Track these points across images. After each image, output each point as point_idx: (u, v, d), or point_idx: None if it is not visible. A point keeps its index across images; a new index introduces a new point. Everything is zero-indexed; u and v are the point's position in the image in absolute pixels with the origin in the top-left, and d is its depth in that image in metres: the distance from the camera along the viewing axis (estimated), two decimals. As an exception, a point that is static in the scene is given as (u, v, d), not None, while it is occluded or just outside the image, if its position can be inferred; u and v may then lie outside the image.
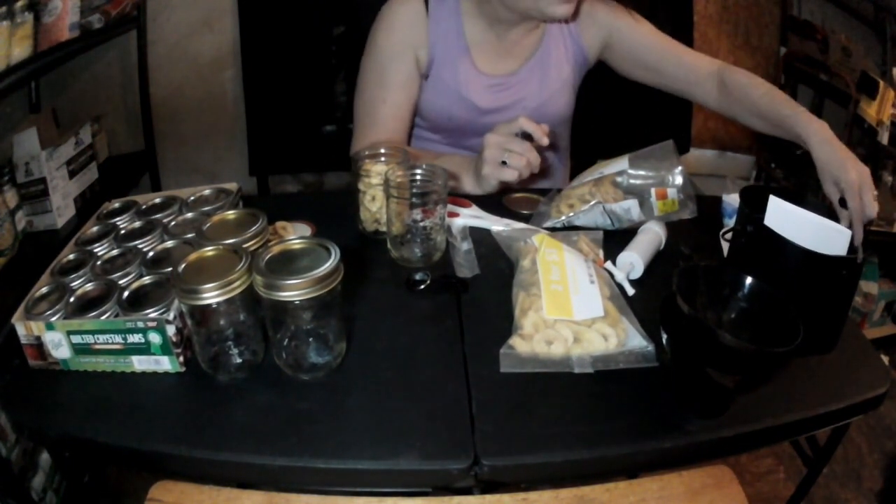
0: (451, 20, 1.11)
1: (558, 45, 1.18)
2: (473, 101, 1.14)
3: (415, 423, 0.65)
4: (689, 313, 0.63)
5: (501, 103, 1.17)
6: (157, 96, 1.79)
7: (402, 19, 1.10)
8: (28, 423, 0.69)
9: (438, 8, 1.10)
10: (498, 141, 0.96)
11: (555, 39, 1.18)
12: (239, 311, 0.68)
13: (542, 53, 1.16)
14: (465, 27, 1.11)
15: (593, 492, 0.61)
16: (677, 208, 1.00)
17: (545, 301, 0.75)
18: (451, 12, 1.11)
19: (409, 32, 1.10)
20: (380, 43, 1.11)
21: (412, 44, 1.10)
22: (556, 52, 1.17)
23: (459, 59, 1.12)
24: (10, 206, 1.26)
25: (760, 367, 0.63)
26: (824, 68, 1.84)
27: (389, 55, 1.11)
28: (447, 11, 1.11)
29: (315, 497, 0.60)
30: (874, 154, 1.67)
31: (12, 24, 1.10)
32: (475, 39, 1.13)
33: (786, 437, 1.00)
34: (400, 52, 1.10)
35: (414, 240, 0.89)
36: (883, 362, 0.79)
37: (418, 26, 1.10)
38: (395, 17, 1.11)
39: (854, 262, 0.73)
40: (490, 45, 1.14)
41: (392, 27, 1.11)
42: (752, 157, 2.21)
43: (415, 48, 1.11)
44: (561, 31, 1.18)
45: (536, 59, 1.17)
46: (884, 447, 1.61)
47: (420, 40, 1.11)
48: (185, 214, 0.87)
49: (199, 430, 0.65)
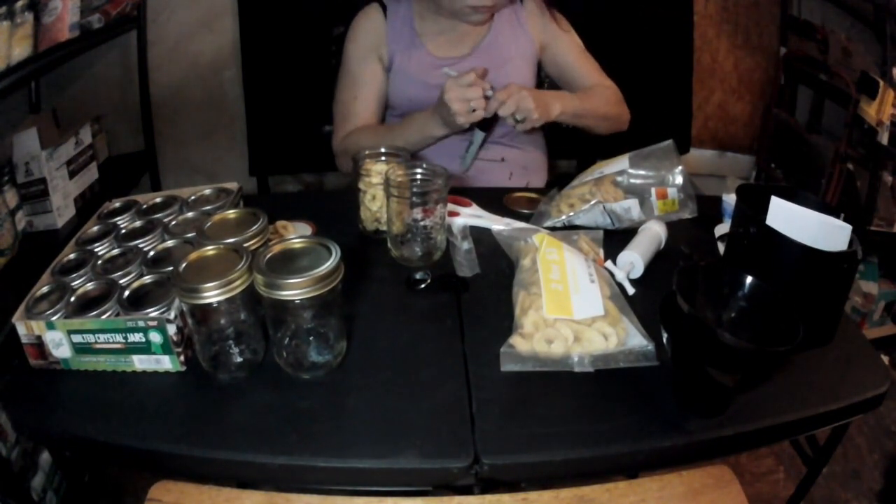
0: (405, 19, 1.28)
1: (506, 32, 1.31)
2: (429, 83, 1.25)
3: (415, 422, 0.65)
4: (690, 312, 0.63)
5: None
6: (157, 96, 1.79)
7: (365, 27, 1.28)
8: (28, 422, 0.69)
9: (394, 12, 1.28)
10: (458, 94, 1.09)
11: (503, 27, 1.30)
12: (239, 310, 0.68)
13: (491, 39, 1.30)
14: (415, 23, 1.28)
15: (593, 492, 0.61)
16: (677, 208, 1.01)
17: (545, 300, 0.75)
18: (404, 13, 1.28)
19: (371, 37, 1.27)
20: (349, 51, 1.29)
21: (374, 46, 1.27)
22: (503, 38, 1.30)
23: (414, 49, 1.27)
24: (10, 206, 1.26)
25: (760, 366, 0.63)
26: (824, 68, 1.84)
27: (357, 59, 1.28)
28: (401, 13, 1.28)
29: (315, 497, 0.60)
30: (874, 154, 1.67)
31: (12, 24, 1.10)
32: (426, 31, 1.28)
33: (786, 437, 1.00)
34: (365, 56, 1.28)
35: (414, 239, 0.89)
36: (883, 362, 0.79)
37: (378, 31, 1.27)
38: (358, 27, 1.29)
39: (854, 256, 0.73)
40: (440, 35, 1.29)
41: (357, 36, 1.29)
42: (751, 157, 2.21)
43: (377, 49, 1.28)
44: (510, 19, 1.31)
45: (486, 44, 1.29)
46: (884, 447, 1.61)
47: (380, 41, 1.27)
48: (186, 214, 0.87)
49: (199, 429, 0.65)
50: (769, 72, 2.10)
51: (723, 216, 1.03)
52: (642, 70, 1.58)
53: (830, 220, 0.75)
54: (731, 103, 2.15)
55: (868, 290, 1.87)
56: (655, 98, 1.34)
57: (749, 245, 0.79)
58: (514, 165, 1.33)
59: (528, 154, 1.36)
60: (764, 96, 2.13)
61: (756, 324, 0.68)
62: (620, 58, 1.37)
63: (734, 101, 2.14)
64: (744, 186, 0.85)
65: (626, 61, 1.38)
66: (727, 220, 1.01)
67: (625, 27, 1.65)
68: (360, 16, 1.30)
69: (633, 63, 1.41)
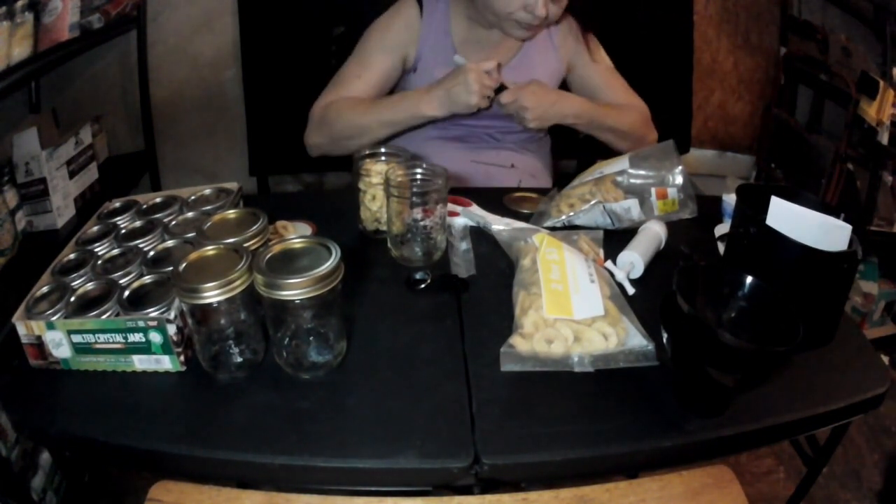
0: (441, 23, 1.24)
1: (538, 51, 1.28)
2: None
3: (415, 422, 0.65)
4: (690, 312, 0.63)
5: None
6: (157, 96, 1.79)
7: (398, 23, 1.24)
8: (28, 422, 0.69)
9: (431, 13, 1.23)
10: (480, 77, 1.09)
11: (536, 45, 1.28)
12: (239, 310, 0.68)
13: (522, 56, 1.28)
14: (452, 27, 1.24)
15: (593, 492, 0.61)
16: (677, 208, 1.01)
17: (545, 300, 0.75)
18: (441, 16, 1.24)
19: (402, 35, 1.23)
20: (372, 37, 1.24)
21: (403, 44, 1.23)
22: (537, 57, 1.28)
23: (446, 54, 1.23)
24: (10, 206, 1.26)
25: (760, 366, 0.63)
26: (824, 68, 1.84)
27: (377, 48, 1.23)
28: (438, 14, 1.24)
29: (315, 497, 0.60)
30: (874, 154, 1.67)
31: (12, 24, 1.10)
32: (461, 37, 1.24)
33: (786, 437, 1.00)
34: (389, 48, 1.23)
35: (414, 239, 0.89)
36: (883, 362, 0.79)
37: (412, 30, 1.23)
38: (392, 20, 1.24)
39: (854, 256, 0.73)
40: (475, 42, 1.25)
41: (389, 26, 1.24)
42: (751, 157, 2.21)
43: (404, 48, 1.24)
44: (543, 39, 1.28)
45: (518, 60, 1.27)
46: (884, 447, 1.61)
47: (410, 41, 1.23)
48: (186, 214, 0.87)
49: (199, 429, 0.65)
50: (769, 72, 2.10)
51: (723, 216, 1.03)
52: (642, 70, 1.57)
53: (830, 220, 0.75)
54: (731, 103, 2.15)
55: (868, 290, 1.87)
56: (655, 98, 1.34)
57: (749, 245, 0.79)
58: (523, 172, 1.32)
59: (537, 160, 1.36)
60: (764, 96, 2.13)
61: (756, 324, 0.68)
62: (620, 58, 1.37)
63: (734, 101, 2.14)
64: (744, 186, 0.85)
65: (627, 61, 1.38)
66: (727, 220, 1.01)
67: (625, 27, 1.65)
68: (396, 10, 1.25)
69: (633, 63, 1.41)
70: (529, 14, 1.11)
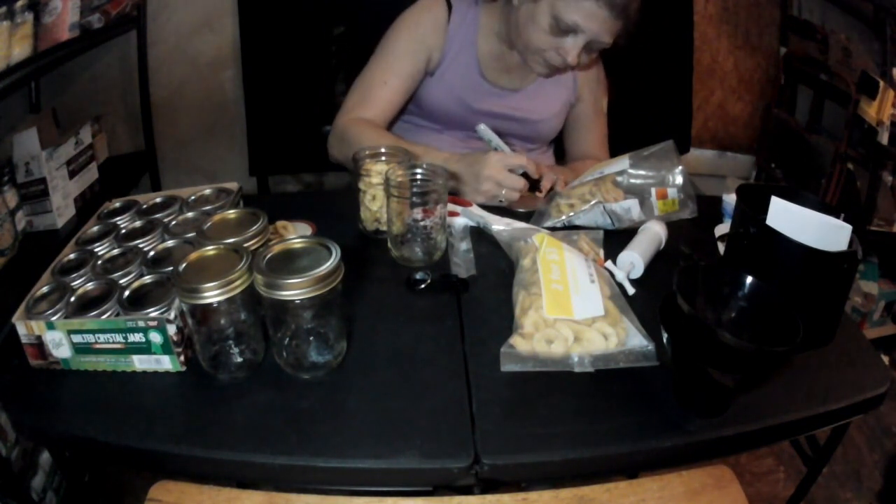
0: (469, 29, 1.21)
1: (557, 81, 1.27)
2: (471, 104, 1.23)
3: (415, 422, 0.65)
4: (690, 312, 0.63)
5: (497, 110, 1.24)
6: (157, 96, 1.79)
7: (425, 21, 1.20)
8: (28, 422, 0.69)
9: (460, 18, 1.20)
10: (497, 178, 1.02)
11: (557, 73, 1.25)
12: (239, 310, 0.68)
13: (540, 83, 1.26)
14: (479, 38, 1.21)
15: (593, 492, 0.61)
16: (677, 208, 1.01)
17: (545, 300, 0.75)
18: (470, 22, 1.21)
19: (429, 35, 1.20)
20: (399, 37, 1.20)
21: (428, 45, 1.20)
22: (552, 86, 1.27)
23: (468, 65, 1.21)
24: (10, 206, 1.26)
25: (760, 366, 0.63)
26: (824, 68, 1.84)
27: (405, 49, 1.20)
28: (467, 21, 1.20)
29: (315, 497, 0.60)
30: (874, 154, 1.67)
31: (12, 24, 1.10)
32: (485, 51, 1.22)
33: (786, 437, 1.00)
34: (415, 50, 1.20)
35: (414, 239, 0.89)
36: (883, 362, 0.79)
37: (438, 30, 1.20)
38: (418, 17, 1.21)
39: (854, 256, 0.73)
40: (498, 59, 1.23)
41: (414, 26, 1.21)
42: (751, 157, 2.21)
43: (430, 49, 1.20)
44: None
45: (533, 88, 1.26)
46: (884, 447, 1.61)
47: (436, 43, 1.20)
48: (186, 214, 0.87)
49: (199, 429, 0.65)
50: (769, 72, 2.10)
51: (723, 216, 1.03)
52: (642, 70, 1.58)
53: (830, 220, 0.75)
54: (731, 103, 2.15)
55: (868, 290, 1.87)
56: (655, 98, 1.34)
57: (749, 245, 0.79)
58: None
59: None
60: (764, 96, 2.13)
61: (756, 324, 0.68)
62: (620, 58, 1.37)
63: (734, 101, 2.14)
64: (744, 186, 0.85)
65: (626, 61, 1.38)
66: (727, 220, 1.01)
67: (625, 27, 1.65)
68: (423, 7, 1.21)
69: (633, 63, 1.41)
70: (560, 58, 1.09)
